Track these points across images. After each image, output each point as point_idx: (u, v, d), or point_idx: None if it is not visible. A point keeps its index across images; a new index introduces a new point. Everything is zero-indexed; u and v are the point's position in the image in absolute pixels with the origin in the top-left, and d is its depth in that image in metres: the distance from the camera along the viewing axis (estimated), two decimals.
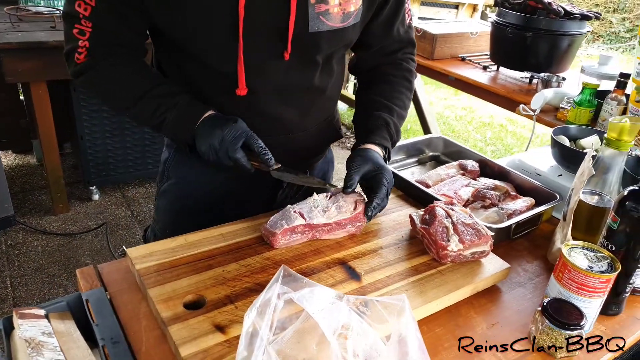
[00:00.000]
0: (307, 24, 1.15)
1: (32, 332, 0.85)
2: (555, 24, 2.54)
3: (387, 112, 1.35)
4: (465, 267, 1.14)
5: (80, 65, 1.19)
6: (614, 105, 1.88)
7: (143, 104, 1.20)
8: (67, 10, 1.16)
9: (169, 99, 1.20)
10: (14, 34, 2.72)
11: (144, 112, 1.21)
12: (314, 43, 1.19)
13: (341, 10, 1.17)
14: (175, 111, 1.19)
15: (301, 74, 1.25)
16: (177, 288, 1.00)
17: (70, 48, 1.19)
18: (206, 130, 1.17)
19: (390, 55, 1.42)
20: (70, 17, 1.15)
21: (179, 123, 1.19)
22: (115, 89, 1.24)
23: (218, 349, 0.87)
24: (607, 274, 0.96)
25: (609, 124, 1.12)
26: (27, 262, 2.95)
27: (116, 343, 0.89)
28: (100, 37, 1.17)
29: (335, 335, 0.80)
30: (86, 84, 1.25)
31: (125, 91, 1.22)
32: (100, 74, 1.21)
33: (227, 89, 1.21)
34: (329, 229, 1.19)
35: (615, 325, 1.08)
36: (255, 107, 1.26)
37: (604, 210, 1.19)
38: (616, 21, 9.79)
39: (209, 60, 1.20)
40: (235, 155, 1.15)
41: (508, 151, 5.25)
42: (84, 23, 1.14)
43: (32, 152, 4.03)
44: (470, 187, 1.45)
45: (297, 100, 1.30)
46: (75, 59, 1.19)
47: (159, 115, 1.19)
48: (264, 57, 1.19)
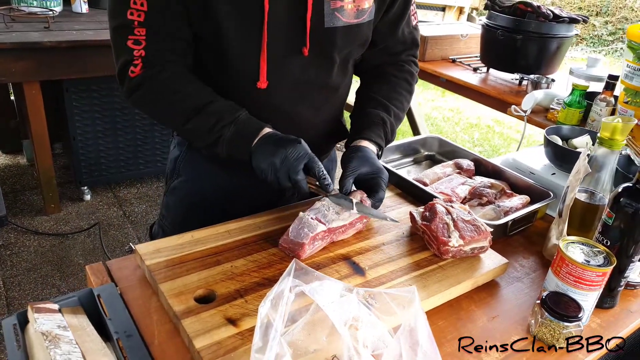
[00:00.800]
0: (323, 19, 1.19)
1: (48, 326, 0.87)
2: (544, 26, 2.59)
3: (385, 111, 1.37)
4: (465, 262, 1.17)
5: (136, 78, 1.17)
6: (603, 106, 1.93)
7: (200, 118, 1.18)
8: (118, 23, 1.14)
9: (227, 115, 1.18)
10: (8, 34, 2.72)
11: (201, 128, 1.18)
12: (329, 39, 1.23)
13: (355, 7, 1.22)
14: (233, 127, 1.17)
15: (318, 71, 1.28)
16: (188, 283, 1.02)
17: (124, 62, 1.17)
18: (269, 148, 1.15)
19: (393, 56, 1.44)
20: (122, 28, 1.14)
21: (236, 139, 1.17)
22: (173, 102, 1.20)
23: (231, 340, 0.89)
24: (604, 267, 0.99)
25: (602, 123, 1.16)
26: (20, 262, 2.94)
27: (130, 336, 0.91)
28: (157, 43, 1.16)
29: (347, 327, 0.83)
30: (142, 100, 1.21)
31: (183, 105, 1.19)
32: (157, 86, 1.18)
33: (247, 82, 1.23)
34: (343, 230, 1.21)
35: (610, 318, 1.12)
36: (272, 102, 1.27)
37: (597, 208, 1.23)
38: (599, 24, 9.91)
39: (233, 53, 1.20)
40: (297, 177, 1.13)
41: (495, 152, 5.31)
42: (137, 32, 1.13)
43: (22, 152, 4.02)
44: (467, 185, 1.49)
45: (312, 98, 1.33)
46: (130, 73, 1.16)
47: (217, 131, 1.17)
48: (284, 52, 1.21)
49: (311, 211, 1.19)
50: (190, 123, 1.18)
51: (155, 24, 1.14)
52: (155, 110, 1.25)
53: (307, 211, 1.19)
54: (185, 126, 1.19)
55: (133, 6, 1.12)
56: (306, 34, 1.19)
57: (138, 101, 1.22)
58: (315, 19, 1.18)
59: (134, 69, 1.16)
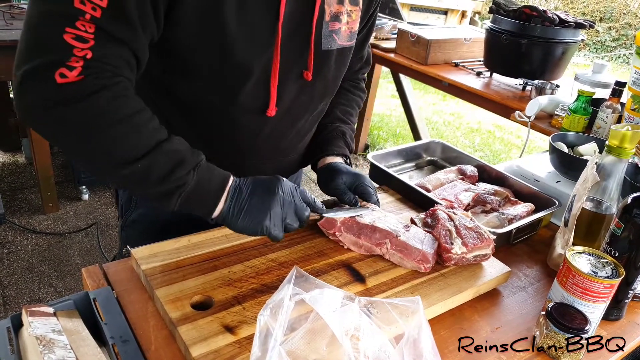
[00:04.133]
0: (321, 41, 1.12)
1: (42, 330, 0.85)
2: (549, 31, 2.57)
3: (342, 123, 1.37)
4: (467, 270, 1.15)
5: (68, 87, 0.84)
6: (609, 113, 1.91)
7: (158, 157, 0.92)
8: (53, 7, 0.83)
9: (191, 156, 0.97)
10: (7, 32, 2.70)
11: (155, 170, 0.92)
12: (325, 62, 1.16)
13: (348, 29, 1.17)
14: (195, 175, 0.96)
15: (311, 95, 1.20)
16: (184, 288, 1.00)
17: (49, 61, 0.83)
18: (255, 199, 1.01)
19: (352, 74, 1.44)
20: (58, 15, 0.83)
21: (198, 192, 0.97)
22: (120, 132, 0.89)
23: (229, 349, 0.87)
24: (611, 279, 0.97)
25: (610, 131, 1.14)
26: (17, 261, 2.92)
27: (126, 342, 0.89)
28: (109, 47, 0.87)
29: (348, 337, 0.81)
30: (69, 120, 0.86)
31: (133, 138, 0.90)
32: (100, 105, 0.86)
33: (251, 111, 1.12)
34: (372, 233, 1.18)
35: (617, 330, 1.09)
36: (266, 130, 1.18)
37: (604, 217, 1.21)
38: (602, 30, 9.91)
39: (238, 78, 1.05)
40: (306, 214, 1.07)
41: (496, 157, 5.30)
42: (83, 26, 0.83)
43: (20, 150, 4.00)
44: (470, 192, 1.47)
45: (302, 123, 1.25)
46: (58, 77, 0.83)
47: (177, 178, 0.94)
48: (287, 76, 1.11)
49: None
50: (140, 162, 0.90)
51: (112, 26, 0.86)
52: (84, 139, 0.89)
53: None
54: (131, 167, 0.90)
55: None
56: (309, 56, 1.11)
57: (58, 120, 0.86)
58: (315, 40, 1.11)
59: (67, 72, 0.83)
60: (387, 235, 1.15)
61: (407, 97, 4.48)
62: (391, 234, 1.15)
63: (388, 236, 1.15)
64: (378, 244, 1.15)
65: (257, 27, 1.01)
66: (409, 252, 1.12)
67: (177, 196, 0.95)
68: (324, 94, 1.25)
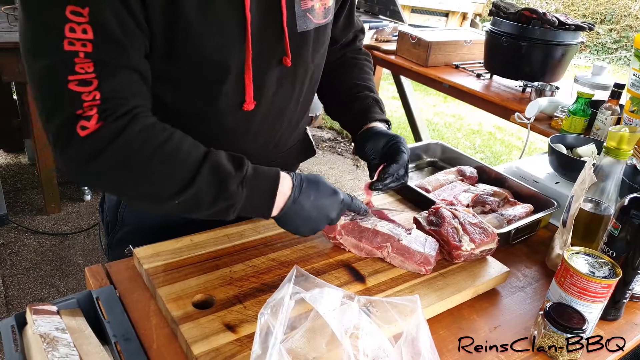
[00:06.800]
0: (295, 23, 1.07)
1: (46, 328, 0.86)
2: (549, 34, 2.58)
3: (370, 91, 1.35)
4: (466, 270, 1.16)
5: (92, 138, 0.83)
6: (608, 115, 1.92)
7: (201, 183, 0.90)
8: (49, 61, 0.81)
9: (235, 169, 0.95)
10: (12, 34, 2.72)
11: (203, 196, 0.92)
12: (303, 44, 1.11)
13: (322, 6, 1.12)
14: (244, 190, 0.95)
15: (294, 82, 1.16)
16: (186, 287, 1.01)
17: (66, 117, 0.82)
18: (313, 214, 1.03)
19: (351, 45, 1.44)
20: (57, 67, 0.81)
21: (251, 204, 0.97)
22: (159, 167, 0.88)
23: (229, 347, 0.88)
24: (609, 279, 0.98)
25: (608, 133, 1.15)
26: (20, 261, 2.94)
27: (128, 340, 0.90)
28: (113, 78, 0.85)
29: (347, 335, 0.82)
30: (107, 171, 0.87)
31: (171, 169, 0.89)
32: (129, 146, 0.86)
33: (228, 107, 1.08)
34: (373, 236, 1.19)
35: (614, 330, 1.10)
36: (251, 125, 1.15)
37: (602, 218, 1.22)
38: (603, 32, 9.91)
39: (210, 74, 1.01)
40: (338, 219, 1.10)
41: (497, 158, 5.30)
42: (82, 68, 0.81)
43: (23, 151, 4.02)
44: (469, 193, 1.48)
45: (289, 113, 1.21)
46: (80, 130, 0.82)
47: (227, 197, 0.93)
48: (265, 65, 1.07)
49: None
50: (186, 193, 0.90)
51: (106, 54, 0.84)
52: (128, 185, 0.90)
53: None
54: (178, 198, 0.90)
55: (70, 35, 0.80)
56: (285, 41, 1.06)
57: (96, 172, 0.87)
58: (289, 23, 1.05)
59: (87, 123, 0.82)
60: (388, 239, 1.16)
61: (408, 98, 4.49)
62: (392, 237, 1.15)
63: (389, 240, 1.15)
64: (379, 247, 1.16)
65: (224, 21, 0.96)
66: (410, 255, 1.13)
67: (232, 211, 0.96)
68: (307, 78, 1.20)
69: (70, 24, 0.80)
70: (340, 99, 1.37)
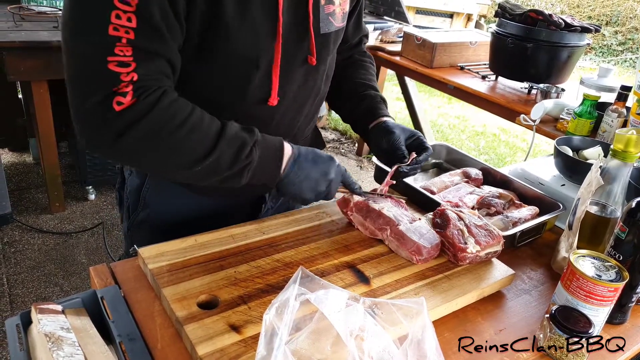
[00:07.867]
0: (319, 25, 1.16)
1: (51, 327, 0.86)
2: (555, 35, 2.57)
3: (376, 90, 1.45)
4: (471, 272, 1.16)
5: (127, 113, 0.90)
6: (615, 117, 1.91)
7: (220, 149, 1.00)
8: (91, 41, 0.88)
9: (247, 137, 1.04)
10: (17, 33, 2.72)
11: (222, 161, 1.01)
12: (325, 45, 1.20)
13: (341, 10, 1.21)
14: (257, 150, 1.05)
15: (315, 79, 1.25)
16: (191, 288, 1.01)
17: (103, 96, 0.89)
18: (312, 173, 1.13)
19: (357, 47, 1.53)
20: (98, 48, 0.88)
21: (264, 164, 1.07)
22: (186, 136, 0.97)
23: (234, 348, 0.88)
24: (616, 283, 0.98)
25: (615, 135, 1.14)
26: (24, 260, 2.94)
27: (132, 340, 0.90)
28: (148, 63, 0.92)
29: (352, 337, 0.81)
30: (139, 143, 0.94)
31: (200, 136, 0.98)
32: (160, 118, 0.94)
33: (253, 101, 1.14)
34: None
35: (620, 334, 1.09)
36: (275, 117, 1.21)
37: (608, 221, 1.21)
38: (609, 34, 9.89)
39: (240, 69, 1.08)
40: (334, 193, 1.20)
41: (501, 160, 5.29)
42: (121, 51, 0.88)
43: (28, 150, 4.03)
44: (475, 195, 1.47)
45: (307, 107, 1.29)
46: (116, 105, 0.89)
47: (243, 159, 1.03)
48: (291, 64, 1.14)
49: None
50: (211, 157, 0.99)
51: (146, 42, 0.91)
52: (158, 153, 0.98)
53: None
54: (202, 163, 0.99)
55: (116, 21, 0.86)
56: (311, 41, 1.14)
57: (130, 144, 0.93)
58: (314, 25, 1.14)
59: (122, 99, 0.89)
60: (389, 222, 1.20)
61: (413, 99, 4.49)
62: (393, 221, 1.20)
63: (390, 223, 1.20)
64: (380, 228, 1.21)
65: (258, 21, 1.03)
66: (404, 241, 1.17)
67: (246, 173, 1.05)
68: (326, 76, 1.30)
69: (117, 11, 0.87)
70: (349, 96, 1.46)
